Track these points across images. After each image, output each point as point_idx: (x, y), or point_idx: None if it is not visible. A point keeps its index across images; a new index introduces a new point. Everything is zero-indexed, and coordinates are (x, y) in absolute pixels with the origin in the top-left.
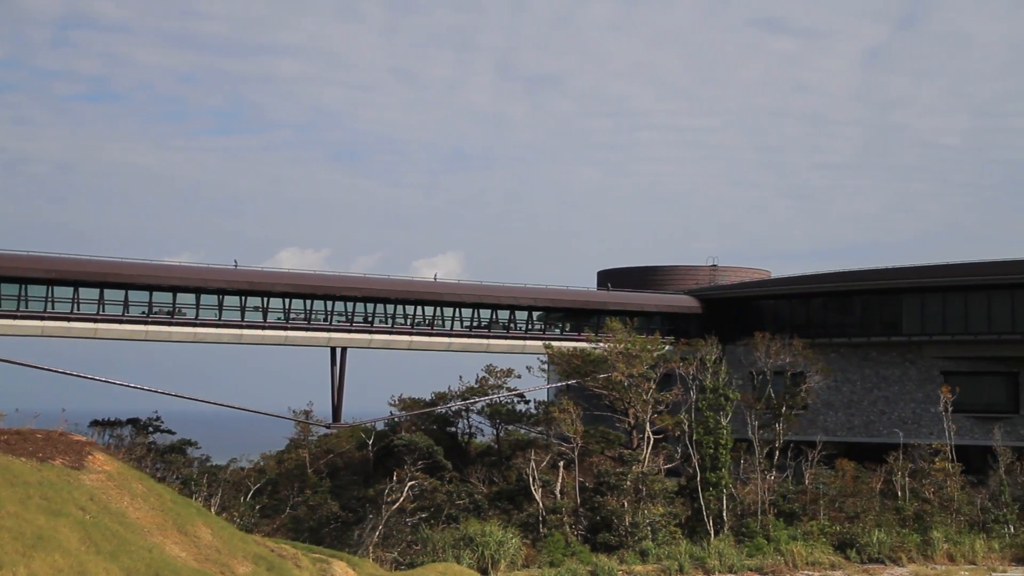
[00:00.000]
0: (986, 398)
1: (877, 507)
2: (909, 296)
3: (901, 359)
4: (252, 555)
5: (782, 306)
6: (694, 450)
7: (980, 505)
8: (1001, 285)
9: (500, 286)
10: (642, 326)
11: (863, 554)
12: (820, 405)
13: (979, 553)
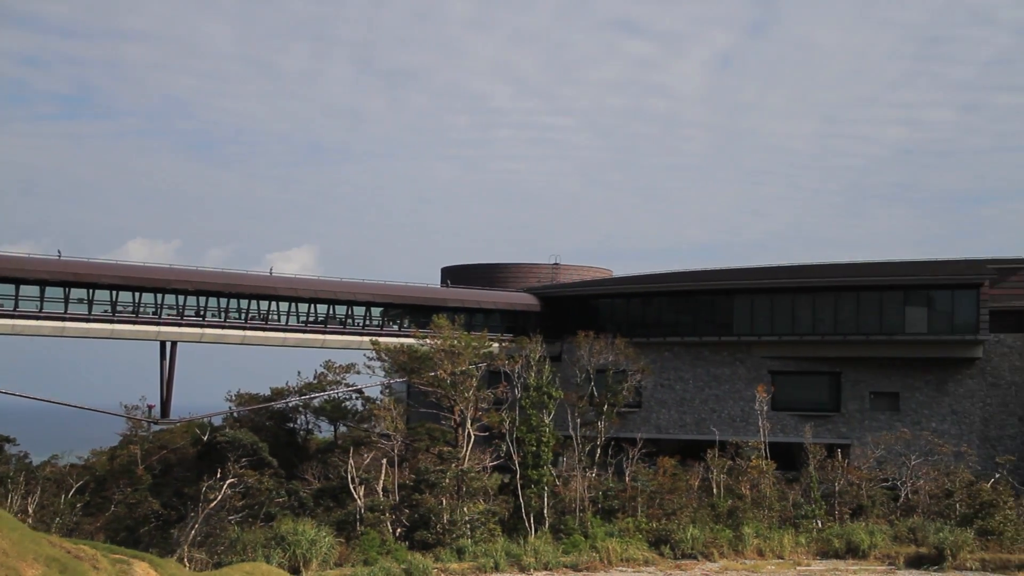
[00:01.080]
0: (810, 397)
1: (695, 504)
2: (740, 297)
3: (732, 358)
4: (44, 557)
5: (619, 305)
6: (514, 448)
7: (792, 501)
8: (825, 288)
9: (337, 281)
10: (482, 323)
11: (677, 550)
12: (654, 403)
13: (787, 548)
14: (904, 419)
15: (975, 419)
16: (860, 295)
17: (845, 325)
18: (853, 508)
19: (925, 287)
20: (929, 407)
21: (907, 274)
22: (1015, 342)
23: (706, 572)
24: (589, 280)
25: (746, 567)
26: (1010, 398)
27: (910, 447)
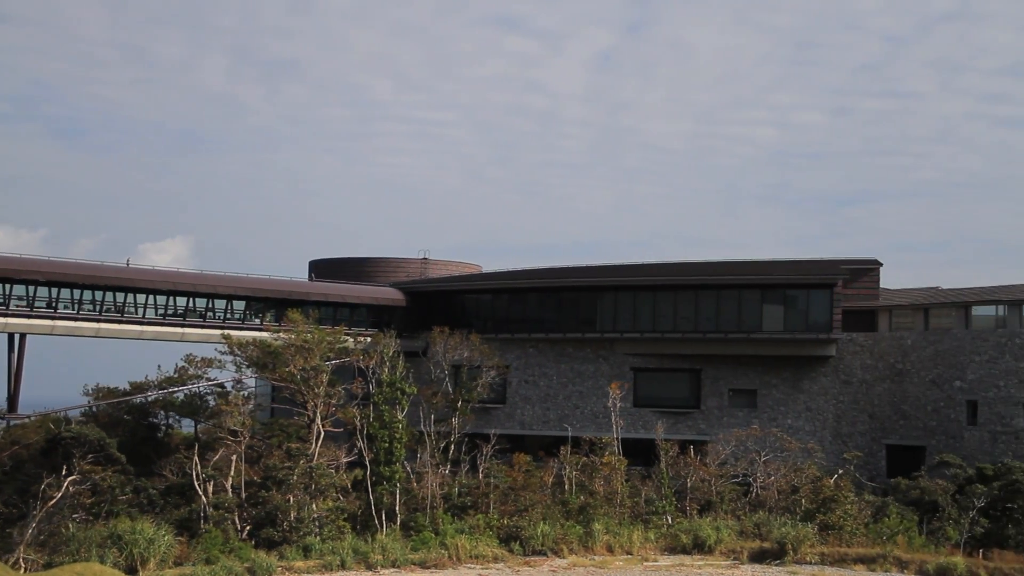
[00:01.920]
0: (671, 394)
1: (548, 501)
2: (604, 294)
3: (595, 355)
4: None
5: (485, 301)
6: (365, 444)
7: (645, 497)
8: (686, 286)
9: (197, 274)
10: (347, 318)
11: (527, 547)
12: (518, 399)
13: (636, 543)
14: (761, 416)
15: (828, 416)
16: (720, 293)
17: (705, 323)
18: (702, 504)
19: (782, 286)
20: (785, 404)
21: (765, 273)
22: (866, 341)
23: (554, 568)
24: (455, 276)
25: (594, 563)
26: (861, 395)
27: (761, 443)
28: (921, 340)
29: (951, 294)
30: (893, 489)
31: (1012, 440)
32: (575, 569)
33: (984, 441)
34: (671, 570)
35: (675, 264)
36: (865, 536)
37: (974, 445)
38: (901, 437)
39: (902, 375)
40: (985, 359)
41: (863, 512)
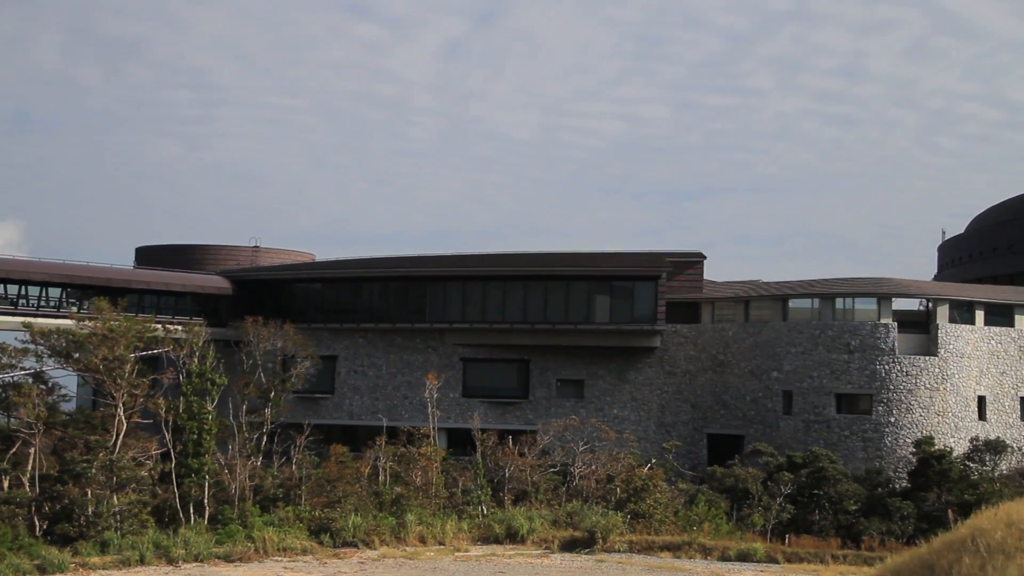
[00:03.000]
0: (500, 384)
1: (363, 492)
2: (433, 284)
3: (425, 345)
4: None
5: (315, 290)
6: (170, 436)
7: (462, 487)
8: (515, 276)
9: (8, 259)
10: (171, 307)
11: (338, 538)
12: (347, 390)
13: (449, 534)
14: (588, 405)
15: (653, 406)
16: (548, 284)
17: (533, 314)
18: (516, 494)
19: (608, 278)
20: (611, 394)
21: (592, 265)
22: (690, 332)
23: (363, 560)
24: (286, 264)
25: (405, 554)
26: (684, 386)
27: (587, 434)
28: (741, 332)
29: (770, 287)
30: (709, 477)
31: (824, 429)
32: (385, 560)
33: (798, 430)
34: (481, 560)
35: (504, 255)
36: (674, 524)
37: (789, 434)
38: (722, 426)
39: (723, 366)
40: (800, 351)
41: (675, 500)
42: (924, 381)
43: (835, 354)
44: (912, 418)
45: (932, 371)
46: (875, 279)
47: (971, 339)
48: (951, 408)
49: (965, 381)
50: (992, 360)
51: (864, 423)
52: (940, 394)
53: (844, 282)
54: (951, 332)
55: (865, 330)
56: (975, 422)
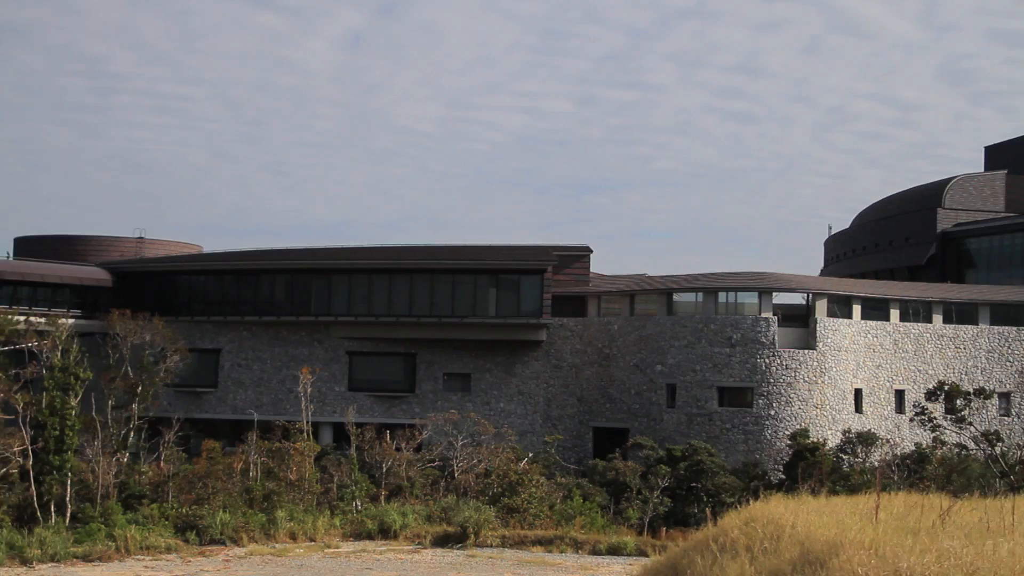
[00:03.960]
0: (386, 377)
1: (235, 488)
2: (318, 277)
3: (310, 339)
4: None
5: (199, 282)
6: (27, 432)
7: (338, 483)
8: (401, 270)
9: None
10: (48, 299)
11: (204, 536)
12: (231, 383)
13: (320, 530)
14: (475, 399)
15: (539, 399)
16: (434, 278)
17: (420, 307)
18: (392, 489)
19: (494, 271)
20: (498, 388)
21: (479, 259)
22: (576, 326)
23: (228, 558)
24: (168, 256)
25: (273, 551)
26: (571, 379)
27: (460, 427)
28: (627, 326)
29: (656, 281)
30: (591, 471)
31: (706, 422)
32: (251, 558)
33: (681, 423)
34: (350, 557)
35: (390, 248)
36: (549, 518)
37: (672, 427)
38: (607, 420)
39: (609, 360)
40: (683, 344)
41: (552, 495)
42: (803, 374)
43: (717, 348)
44: (791, 411)
45: (811, 364)
46: (757, 274)
47: (848, 333)
48: (829, 401)
49: (842, 374)
50: (868, 353)
51: (745, 416)
52: (818, 387)
53: (727, 276)
54: (829, 326)
55: (746, 324)
56: (852, 414)
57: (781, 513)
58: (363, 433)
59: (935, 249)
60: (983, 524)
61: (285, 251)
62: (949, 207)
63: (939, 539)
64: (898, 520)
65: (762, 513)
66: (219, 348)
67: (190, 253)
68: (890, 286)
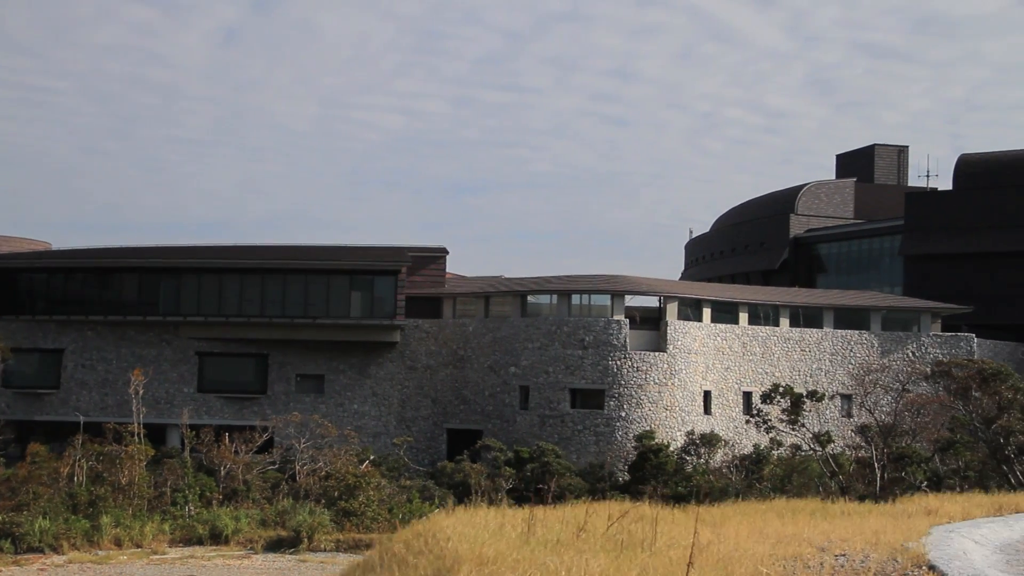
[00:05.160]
0: (238, 379)
1: (61, 494)
2: (167, 276)
3: (158, 339)
4: None
5: (41, 280)
6: None
7: (172, 486)
8: (253, 269)
9: None
10: None
11: (22, 544)
12: (74, 385)
13: (148, 536)
14: (328, 401)
15: (394, 401)
16: (287, 278)
17: (272, 307)
18: (227, 492)
19: (348, 272)
20: (352, 389)
21: (333, 259)
22: (431, 327)
23: (46, 566)
24: (11, 253)
25: (96, 559)
26: (425, 381)
27: (303, 429)
28: (481, 327)
29: (510, 283)
30: (439, 473)
31: (558, 424)
32: (70, 566)
33: (534, 424)
34: (176, 563)
35: (242, 247)
36: (387, 521)
37: (525, 429)
38: (461, 421)
39: (464, 361)
40: (537, 346)
41: (395, 497)
42: (653, 376)
43: (570, 350)
44: (642, 412)
45: (661, 367)
46: (610, 276)
47: (698, 336)
48: (678, 402)
49: (692, 376)
50: (718, 356)
51: (596, 418)
52: (668, 389)
53: (580, 279)
54: (680, 329)
55: (599, 326)
56: (701, 416)
57: (450, 526)
58: (199, 435)
59: (788, 254)
60: (633, 537)
61: (134, 249)
62: (801, 213)
63: (576, 553)
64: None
65: (433, 527)
66: (62, 348)
67: (36, 250)
68: (739, 290)
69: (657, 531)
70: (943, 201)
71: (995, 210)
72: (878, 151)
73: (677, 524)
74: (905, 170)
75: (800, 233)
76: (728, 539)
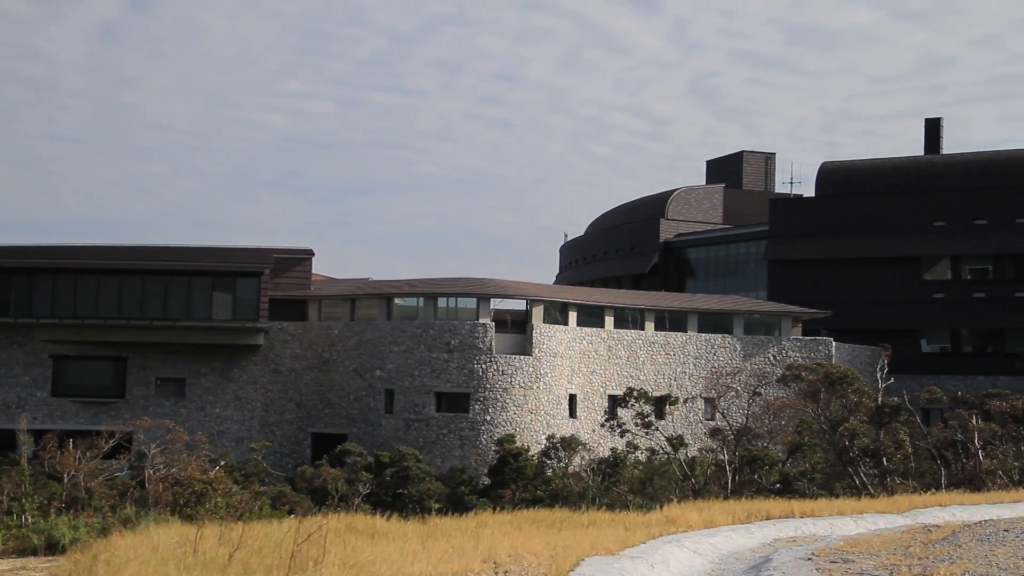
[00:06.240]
0: (95, 382)
1: None
2: (19, 276)
3: (10, 341)
4: None
5: None
6: None
7: (10, 494)
8: (111, 270)
9: None
10: None
11: None
12: None
13: None
14: (190, 405)
15: (257, 405)
16: (146, 279)
17: (130, 309)
18: (69, 500)
19: (210, 273)
20: (214, 393)
21: (195, 260)
22: (296, 330)
23: None
24: None
25: None
26: (290, 384)
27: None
28: (347, 330)
29: (377, 285)
30: (299, 478)
31: (423, 427)
32: None
33: (399, 428)
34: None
35: (99, 247)
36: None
37: (390, 432)
38: (326, 425)
39: (329, 364)
40: (403, 349)
41: (246, 503)
42: (519, 380)
43: (436, 353)
44: (507, 416)
45: (527, 370)
46: (477, 279)
47: (564, 339)
48: (543, 406)
49: (557, 380)
50: (583, 359)
51: (462, 421)
52: (533, 392)
53: (447, 282)
54: (545, 332)
55: (464, 330)
56: (566, 419)
57: (124, 547)
58: (39, 441)
59: (658, 258)
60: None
61: None
62: (671, 218)
63: None
64: None
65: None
66: None
67: None
68: (605, 293)
69: (332, 548)
70: (805, 208)
71: (854, 217)
72: (746, 157)
73: (392, 539)
74: (772, 176)
75: (670, 238)
76: (407, 556)
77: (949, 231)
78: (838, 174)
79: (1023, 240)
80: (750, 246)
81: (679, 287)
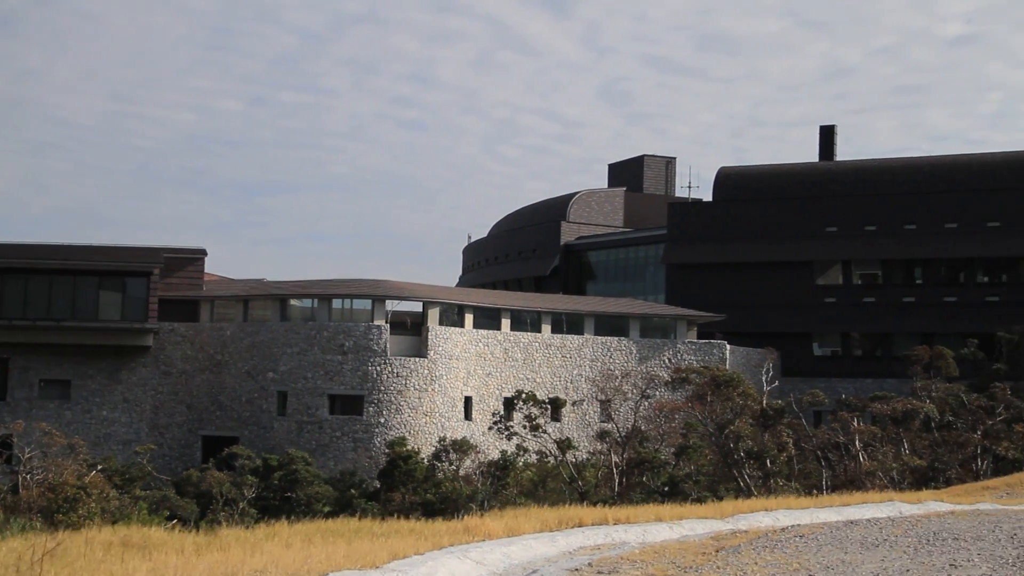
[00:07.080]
0: None
1: None
2: None
3: None
4: None
5: None
6: None
7: None
8: None
9: None
10: None
11: None
12: None
13: None
14: (75, 407)
15: (146, 407)
16: (29, 277)
17: (12, 309)
18: None
19: (97, 272)
20: (101, 395)
21: (81, 258)
22: (187, 331)
23: None
24: None
25: None
26: (180, 386)
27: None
28: (239, 331)
29: (271, 286)
30: (185, 482)
31: (316, 430)
32: None
33: (292, 431)
34: None
35: None
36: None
37: (283, 435)
38: (217, 428)
39: (221, 366)
40: (296, 351)
41: (127, 508)
42: (414, 382)
43: (330, 355)
44: (401, 418)
45: (422, 372)
46: (372, 281)
47: (460, 341)
48: (439, 408)
49: (453, 382)
50: (479, 362)
51: (355, 424)
52: (428, 395)
53: (342, 283)
54: (441, 334)
55: (359, 331)
56: (461, 422)
57: None
58: None
59: (559, 261)
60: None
61: None
62: (573, 220)
63: None
64: None
65: None
66: None
67: None
68: (502, 296)
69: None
70: (703, 212)
71: (750, 221)
72: (647, 161)
73: (164, 552)
74: (673, 180)
75: (571, 240)
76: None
77: (840, 236)
78: (735, 179)
79: (911, 246)
80: (649, 249)
81: (580, 290)
